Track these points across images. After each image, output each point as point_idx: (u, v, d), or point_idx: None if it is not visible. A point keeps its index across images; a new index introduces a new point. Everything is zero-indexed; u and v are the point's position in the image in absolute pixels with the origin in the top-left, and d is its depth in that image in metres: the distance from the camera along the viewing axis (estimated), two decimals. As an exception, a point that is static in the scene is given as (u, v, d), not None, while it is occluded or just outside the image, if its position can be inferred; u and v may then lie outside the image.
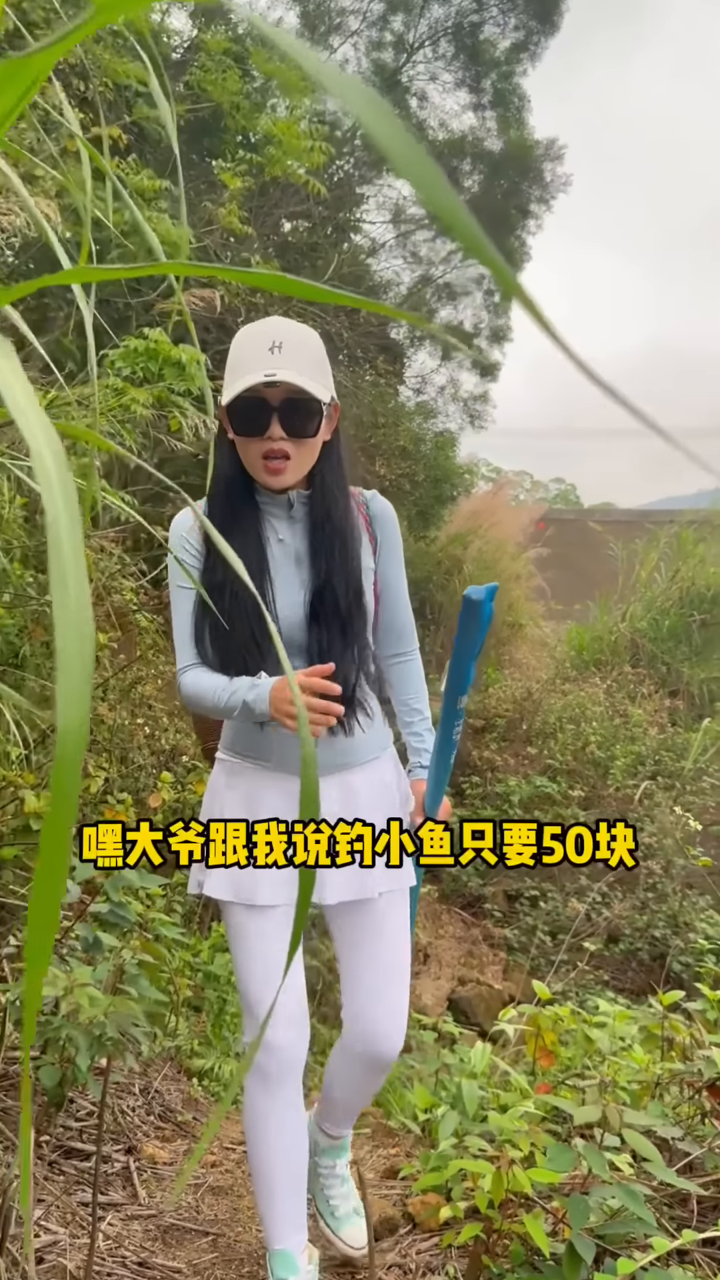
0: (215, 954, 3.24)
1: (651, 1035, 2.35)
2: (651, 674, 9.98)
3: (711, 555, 11.01)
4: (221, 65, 6.27)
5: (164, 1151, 2.11)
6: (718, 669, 10.36)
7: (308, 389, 1.54)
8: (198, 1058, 2.80)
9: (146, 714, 4.46)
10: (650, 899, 7.05)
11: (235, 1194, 2.03)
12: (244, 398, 1.56)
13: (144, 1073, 2.46)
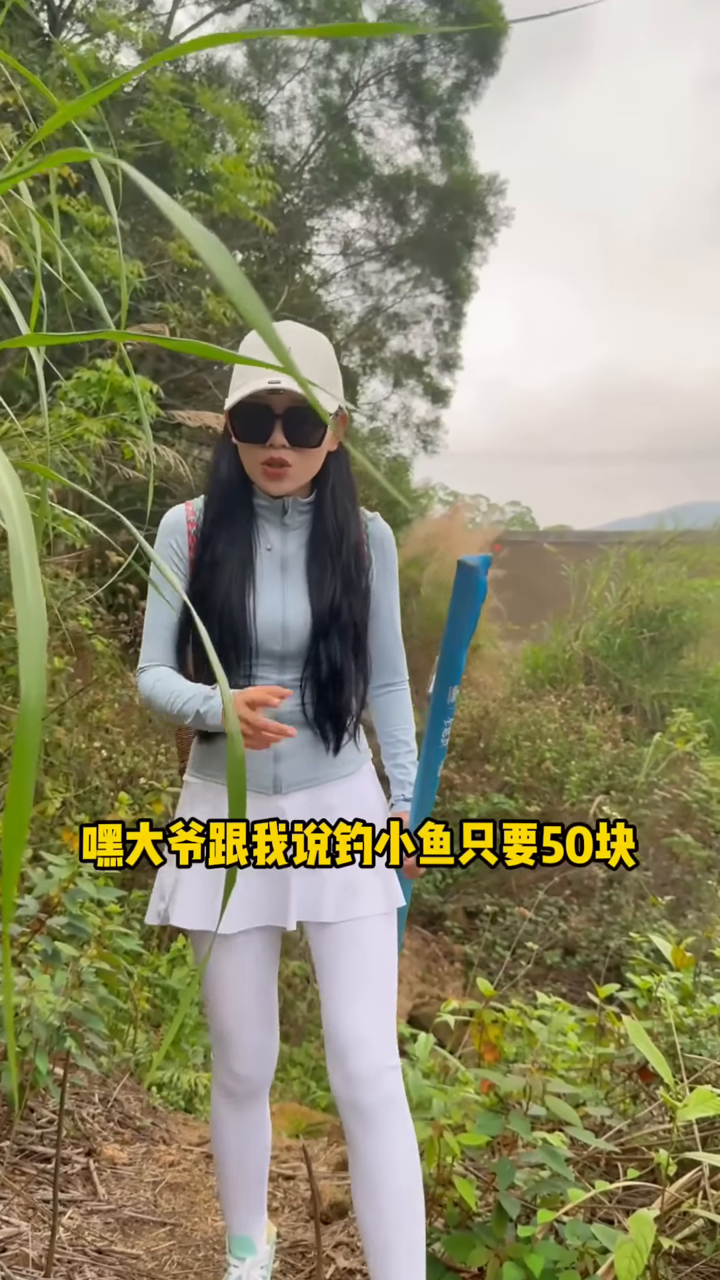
0: (174, 968, 3.31)
1: (590, 1027, 2.47)
2: (604, 691, 10.20)
3: (658, 575, 11.32)
4: (169, 105, 6.44)
5: (123, 1153, 2.19)
6: (667, 685, 10.62)
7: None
8: (156, 1069, 2.87)
9: (104, 737, 4.53)
10: (605, 911, 7.20)
11: (192, 1189, 2.11)
12: (247, 404, 1.52)
13: (104, 1083, 2.53)
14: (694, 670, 10.90)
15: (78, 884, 2.30)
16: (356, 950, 1.61)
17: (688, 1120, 1.55)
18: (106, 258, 5.19)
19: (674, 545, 11.89)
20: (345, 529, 1.63)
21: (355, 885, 1.60)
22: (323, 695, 1.61)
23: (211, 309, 5.83)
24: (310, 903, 1.59)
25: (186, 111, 6.56)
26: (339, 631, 1.60)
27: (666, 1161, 1.42)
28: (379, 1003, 1.59)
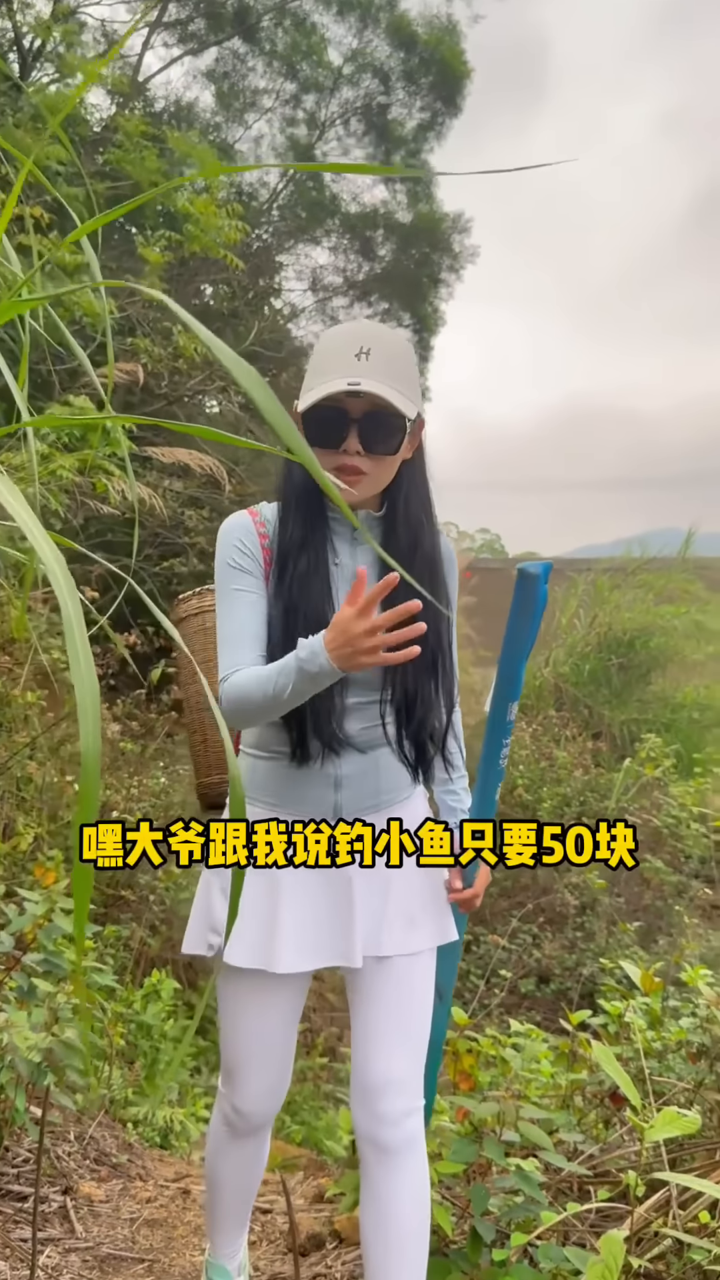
0: (148, 1004, 3.30)
1: (562, 1054, 2.51)
2: (575, 717, 10.29)
3: (625, 602, 11.49)
4: (139, 146, 6.55)
5: (100, 1191, 2.19)
6: (636, 710, 10.74)
7: (393, 403, 1.40)
8: (132, 1106, 2.86)
9: (76, 771, 4.52)
10: (579, 938, 7.23)
11: (169, 1225, 2.11)
12: (323, 406, 1.42)
13: (79, 1120, 2.52)
14: (662, 696, 11.04)
15: (53, 920, 2.32)
16: (400, 987, 1.55)
17: (656, 1142, 1.59)
18: (78, 296, 5.26)
19: (640, 572, 12.08)
20: (419, 541, 1.53)
21: (413, 919, 1.56)
22: (402, 720, 1.53)
23: (182, 344, 5.91)
24: (371, 937, 1.53)
25: (156, 152, 6.67)
26: (432, 653, 1.51)
27: (635, 1182, 1.46)
28: (415, 1043, 1.55)
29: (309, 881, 1.51)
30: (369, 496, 1.51)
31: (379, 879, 1.53)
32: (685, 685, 10.83)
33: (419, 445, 1.55)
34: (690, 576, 11.93)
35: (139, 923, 4.07)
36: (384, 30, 11.56)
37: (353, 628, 1.30)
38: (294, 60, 11.91)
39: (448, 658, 1.57)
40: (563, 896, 7.26)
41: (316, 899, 1.52)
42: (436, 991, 1.70)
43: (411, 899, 1.56)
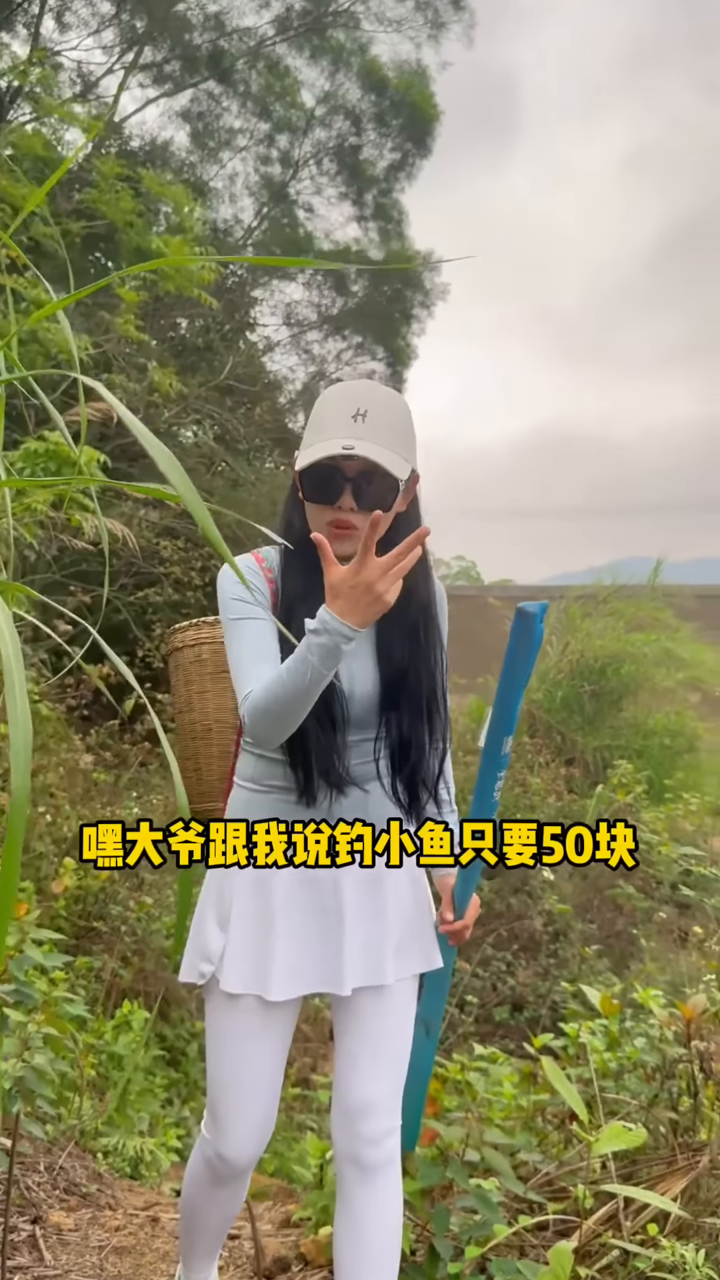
0: (119, 1034, 3.32)
1: (526, 1077, 2.57)
2: (548, 743, 10.37)
3: (597, 629, 11.64)
4: (114, 187, 6.69)
5: (69, 1220, 2.21)
6: (608, 737, 10.85)
7: (386, 466, 1.47)
8: (102, 1136, 2.88)
9: (48, 802, 4.55)
10: (551, 965, 7.27)
11: (138, 1252, 2.14)
12: (319, 465, 1.49)
13: (49, 1150, 2.54)
14: (633, 722, 11.15)
15: (24, 950, 2.36)
16: (385, 1014, 1.59)
17: (606, 1156, 1.65)
18: (54, 333, 5.35)
19: (611, 600, 12.24)
20: (413, 589, 1.57)
21: (401, 946, 1.60)
22: (397, 762, 1.58)
23: (156, 380, 6.01)
24: (360, 966, 1.55)
25: (131, 193, 6.82)
26: (408, 696, 1.56)
27: (584, 1195, 1.52)
28: (396, 1066, 1.59)
29: (301, 907, 1.54)
30: None
31: (370, 907, 1.57)
32: (656, 712, 10.96)
33: (414, 499, 1.60)
34: (659, 604, 12.11)
35: (111, 954, 4.09)
36: (355, 74, 11.86)
37: (364, 578, 1.33)
38: (268, 101, 12.18)
39: (442, 702, 1.61)
40: (535, 923, 7.31)
41: (308, 926, 1.54)
42: (424, 1025, 1.73)
43: (401, 927, 1.59)
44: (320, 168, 12.37)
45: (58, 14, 10.91)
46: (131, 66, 10.80)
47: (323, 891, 1.55)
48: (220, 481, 8.61)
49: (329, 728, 1.51)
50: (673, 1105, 2.03)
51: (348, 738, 1.55)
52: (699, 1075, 1.94)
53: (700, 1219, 1.56)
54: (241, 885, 1.56)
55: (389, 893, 1.58)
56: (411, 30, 11.56)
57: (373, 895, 1.57)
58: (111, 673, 4.79)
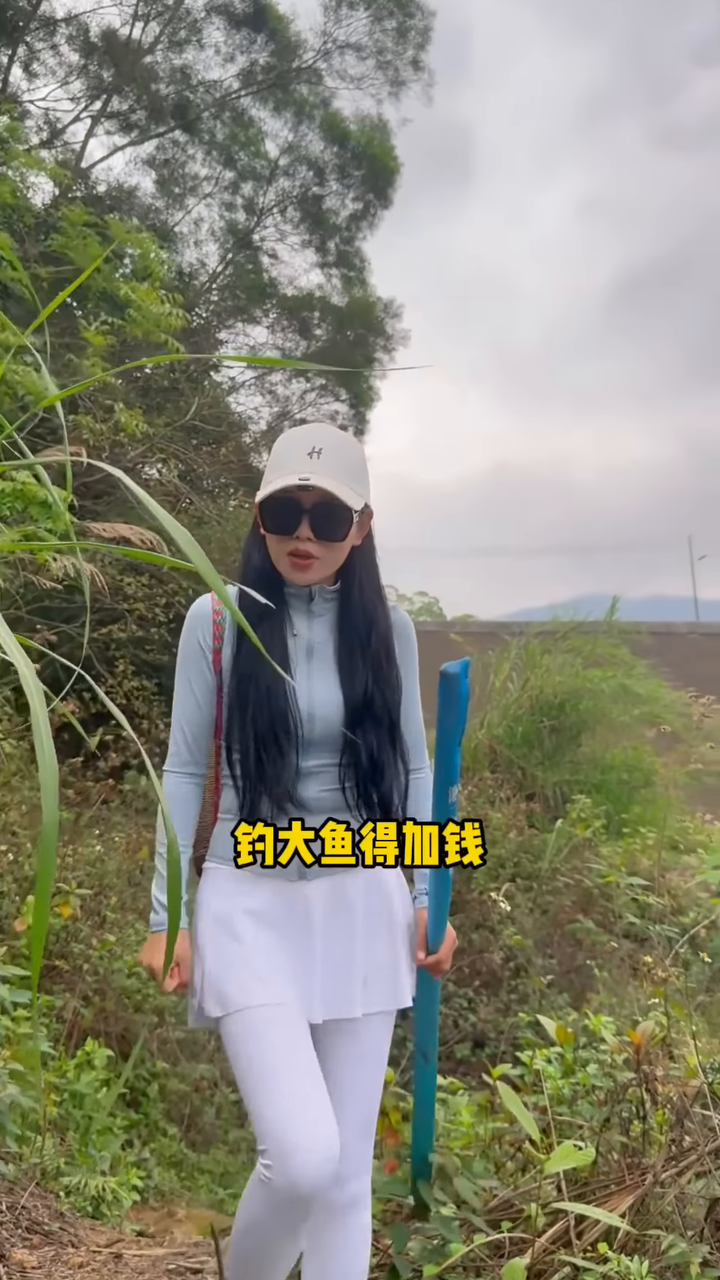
0: (80, 1073, 3.33)
1: (484, 1107, 2.63)
2: (509, 778, 10.46)
3: (556, 665, 11.82)
4: (82, 234, 6.84)
5: (32, 1258, 2.23)
6: (568, 772, 10.98)
7: (339, 495, 1.57)
8: (63, 1175, 2.88)
9: (9, 840, 4.54)
10: (513, 1000, 7.31)
11: (102, 1288, 2.16)
12: (277, 497, 1.59)
13: (11, 1190, 2.54)
14: (592, 758, 11.29)
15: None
16: (358, 1057, 1.61)
17: (557, 1178, 1.73)
18: (21, 375, 5.43)
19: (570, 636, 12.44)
20: (374, 620, 1.69)
21: (370, 979, 1.61)
22: (364, 785, 1.63)
23: (124, 421, 6.11)
24: (330, 998, 1.58)
25: (98, 239, 6.96)
26: (373, 720, 1.64)
27: (536, 1213, 1.59)
28: (367, 1108, 1.61)
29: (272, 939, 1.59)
30: (324, 578, 1.67)
31: (341, 938, 1.60)
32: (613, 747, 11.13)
33: (369, 533, 1.72)
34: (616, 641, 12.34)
35: (72, 993, 4.08)
36: (318, 126, 12.20)
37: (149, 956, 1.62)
38: (232, 150, 12.48)
39: (403, 727, 1.70)
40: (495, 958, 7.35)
41: (282, 951, 1.58)
42: (421, 1053, 1.79)
43: (371, 965, 1.62)
44: (284, 215, 12.67)
45: (25, 63, 11.14)
46: (99, 115, 11.02)
47: (290, 923, 1.59)
48: (185, 519, 8.71)
49: (274, 752, 1.59)
50: (624, 1130, 2.11)
51: (303, 762, 1.61)
52: (646, 1098, 2.02)
53: (645, 1234, 1.64)
54: (208, 921, 1.62)
55: (358, 926, 1.61)
56: (373, 88, 11.95)
57: (344, 928, 1.60)
58: (76, 709, 4.82)
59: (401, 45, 11.61)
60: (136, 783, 6.52)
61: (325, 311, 12.35)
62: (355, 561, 1.69)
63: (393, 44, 11.62)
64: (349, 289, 12.17)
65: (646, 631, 13.43)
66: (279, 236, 12.69)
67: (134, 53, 11.08)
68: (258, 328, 12.36)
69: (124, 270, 8.81)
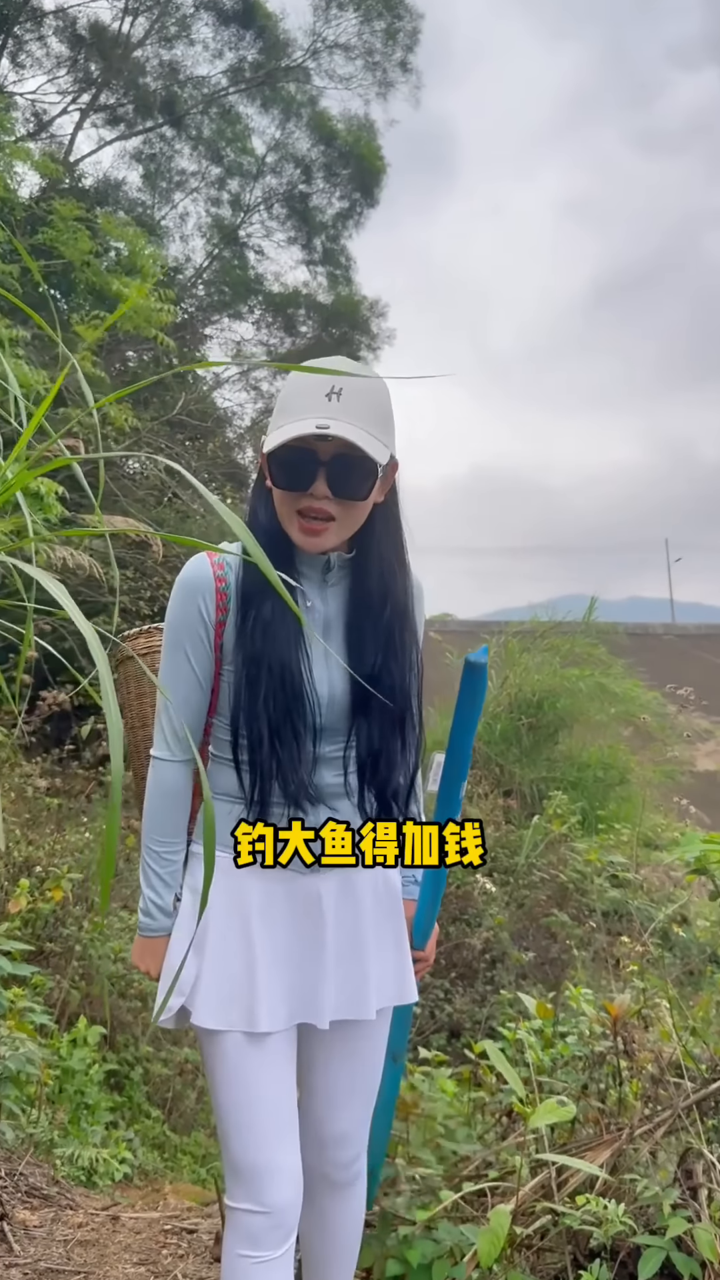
0: (73, 1050, 3.41)
1: (465, 1080, 2.75)
2: (487, 775, 10.59)
3: (534, 664, 11.96)
4: (72, 228, 6.88)
5: (34, 1217, 2.31)
6: (545, 769, 11.12)
7: (364, 447, 1.34)
8: (58, 1146, 2.96)
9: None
10: (489, 991, 7.44)
11: (101, 1245, 2.25)
12: (289, 448, 1.36)
13: (9, 1158, 2.63)
14: (569, 755, 11.43)
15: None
16: (362, 1051, 1.57)
17: (538, 1135, 1.84)
18: (14, 367, 5.49)
19: (549, 636, 12.59)
20: (389, 587, 1.47)
21: (379, 981, 1.53)
22: (366, 775, 1.48)
23: (113, 416, 6.17)
24: (340, 999, 1.49)
25: (89, 234, 7.01)
26: (380, 705, 1.44)
27: (520, 1165, 1.70)
28: (368, 1098, 1.61)
29: (281, 935, 1.47)
30: (339, 545, 1.45)
31: (352, 934, 1.50)
32: (590, 745, 11.28)
33: (392, 487, 1.48)
34: (594, 641, 12.51)
35: (63, 975, 4.16)
36: (305, 125, 12.27)
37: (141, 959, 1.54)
38: (219, 146, 12.52)
39: (416, 714, 1.51)
40: (472, 949, 7.48)
41: (290, 957, 1.47)
42: (390, 1054, 1.72)
43: (381, 961, 1.53)
44: (270, 212, 12.74)
45: (13, 54, 11.13)
46: (88, 108, 11.03)
47: (302, 919, 1.48)
48: (170, 513, 8.76)
49: (290, 739, 1.41)
50: (601, 1096, 2.23)
51: (318, 750, 1.45)
52: (623, 1066, 2.14)
53: (622, 1180, 1.75)
54: (214, 911, 1.45)
55: (368, 923, 1.51)
56: (360, 88, 12.04)
57: (354, 925, 1.50)
58: (68, 700, 4.89)
59: (390, 47, 11.70)
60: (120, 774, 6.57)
61: (310, 309, 12.42)
62: (375, 521, 1.47)
63: (381, 45, 11.72)
64: (334, 287, 12.26)
65: (624, 632, 13.61)
66: (265, 233, 12.76)
67: (122, 47, 11.09)
68: (243, 324, 12.44)
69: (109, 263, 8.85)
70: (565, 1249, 1.71)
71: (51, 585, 0.97)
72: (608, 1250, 1.68)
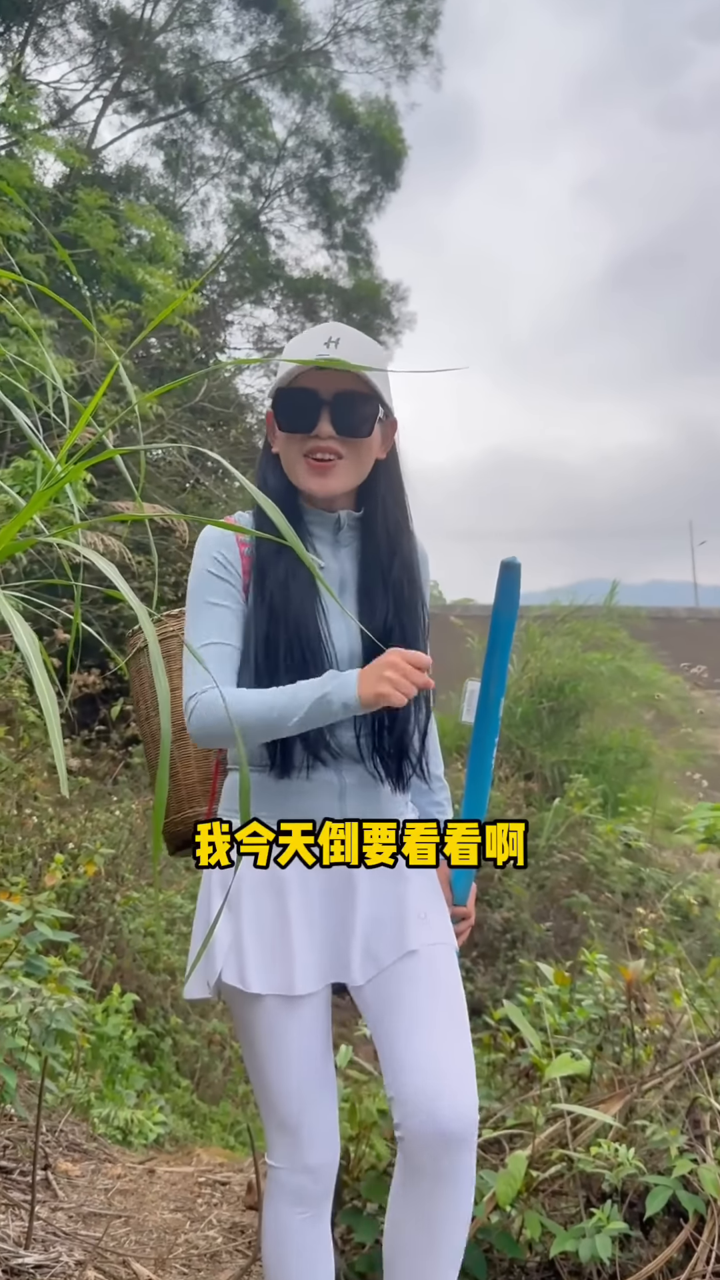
0: (108, 1016, 3.55)
1: (485, 1045, 2.85)
2: (508, 758, 10.68)
3: (555, 648, 12.02)
4: (96, 217, 6.97)
5: (76, 1168, 2.44)
6: (566, 752, 11.20)
7: (365, 380, 1.39)
8: (94, 1108, 3.10)
9: (33, 805, 4.75)
10: (509, 970, 7.55)
11: (140, 1193, 2.38)
12: (293, 389, 1.41)
13: (49, 1116, 2.77)
14: (590, 739, 11.50)
15: (37, 927, 2.59)
16: (431, 978, 1.43)
17: (554, 1082, 1.94)
18: (40, 356, 5.60)
19: (570, 620, 12.62)
20: (397, 544, 1.50)
21: (426, 915, 1.47)
22: (377, 731, 1.47)
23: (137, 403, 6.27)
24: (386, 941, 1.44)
25: (113, 222, 7.10)
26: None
27: (536, 1115, 1.80)
28: (462, 1037, 1.41)
29: (313, 896, 1.44)
30: (347, 490, 1.48)
31: (388, 881, 1.46)
32: (611, 729, 11.34)
33: (393, 447, 1.52)
34: (615, 625, 12.53)
35: (96, 947, 4.31)
36: (326, 108, 12.26)
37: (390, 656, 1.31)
38: (240, 131, 12.54)
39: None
40: (494, 925, 7.59)
41: (320, 914, 1.45)
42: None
43: (422, 898, 1.49)
44: (291, 197, 12.75)
45: (35, 43, 11.20)
46: (111, 95, 11.10)
47: (336, 877, 1.45)
48: (194, 499, 8.88)
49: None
50: (616, 1058, 2.32)
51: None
52: (636, 1028, 2.23)
53: (632, 1125, 1.85)
54: (249, 876, 1.43)
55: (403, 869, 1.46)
56: (381, 72, 12.01)
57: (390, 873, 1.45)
58: (97, 681, 5.02)
59: (410, 30, 11.67)
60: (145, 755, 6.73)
61: (331, 294, 12.45)
62: (379, 478, 1.51)
63: (402, 28, 11.68)
64: (355, 271, 12.28)
65: (646, 616, 13.61)
66: (286, 218, 12.78)
67: (144, 33, 11.14)
68: (265, 309, 12.48)
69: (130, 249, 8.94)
70: (579, 1193, 1.81)
71: (106, 567, 1.07)
72: (619, 1193, 1.77)
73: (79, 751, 6.08)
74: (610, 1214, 1.65)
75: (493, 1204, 1.73)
